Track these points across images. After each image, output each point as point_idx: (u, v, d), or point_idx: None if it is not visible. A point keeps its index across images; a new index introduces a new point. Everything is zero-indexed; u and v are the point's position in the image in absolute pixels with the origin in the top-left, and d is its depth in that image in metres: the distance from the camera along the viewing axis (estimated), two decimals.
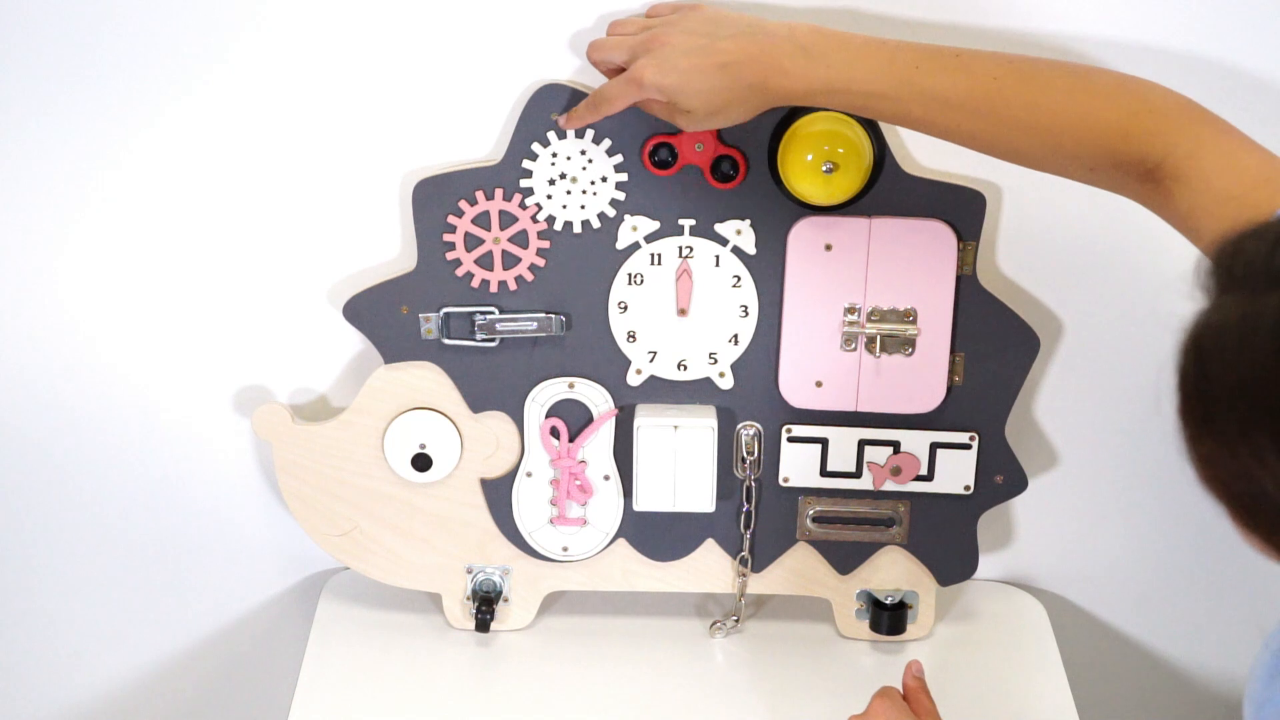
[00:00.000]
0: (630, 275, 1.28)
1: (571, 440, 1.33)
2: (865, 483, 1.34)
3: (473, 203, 1.26)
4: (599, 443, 1.33)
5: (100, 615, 1.48)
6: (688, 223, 1.27)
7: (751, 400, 1.32)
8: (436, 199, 1.26)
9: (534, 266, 1.28)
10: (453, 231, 1.26)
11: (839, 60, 1.09)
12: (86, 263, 1.32)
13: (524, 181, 1.25)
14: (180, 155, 1.27)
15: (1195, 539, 1.44)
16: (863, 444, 1.33)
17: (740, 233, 1.27)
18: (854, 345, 1.29)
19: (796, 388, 1.31)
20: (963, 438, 1.32)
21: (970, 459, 1.33)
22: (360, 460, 1.34)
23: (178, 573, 1.46)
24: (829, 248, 1.27)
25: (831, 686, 1.35)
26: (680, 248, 1.28)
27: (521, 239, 1.27)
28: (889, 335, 1.28)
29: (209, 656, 1.51)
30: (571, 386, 1.32)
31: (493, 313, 1.29)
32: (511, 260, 1.27)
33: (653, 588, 1.39)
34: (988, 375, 1.31)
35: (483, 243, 1.27)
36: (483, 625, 1.38)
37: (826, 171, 1.22)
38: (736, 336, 1.30)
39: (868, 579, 1.38)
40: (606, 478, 1.35)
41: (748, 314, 1.30)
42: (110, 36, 1.22)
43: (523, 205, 1.26)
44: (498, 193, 1.25)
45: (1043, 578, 1.48)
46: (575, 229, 1.27)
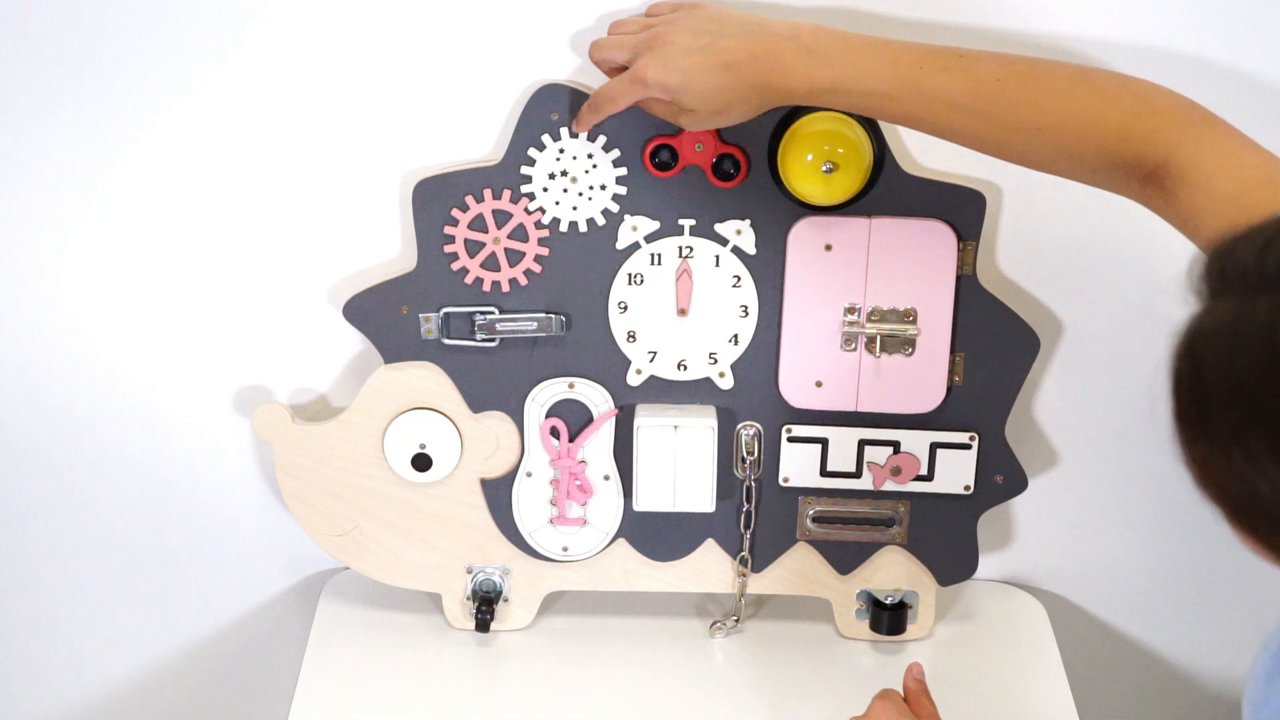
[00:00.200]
0: (630, 275, 1.28)
1: (571, 440, 1.33)
2: (865, 483, 1.34)
3: (474, 202, 1.26)
4: (599, 443, 1.33)
5: (100, 615, 1.48)
6: (688, 223, 1.27)
7: (751, 400, 1.32)
8: (436, 199, 1.26)
9: (534, 267, 1.28)
10: (453, 230, 1.26)
11: (842, 60, 1.09)
12: (86, 263, 1.32)
13: (524, 182, 1.25)
14: (180, 155, 1.27)
15: (1195, 539, 1.44)
16: (863, 444, 1.33)
17: (740, 233, 1.27)
18: (854, 345, 1.29)
19: (796, 388, 1.31)
20: (963, 438, 1.32)
21: (970, 459, 1.33)
22: (360, 460, 1.34)
23: (178, 573, 1.46)
24: (829, 248, 1.27)
25: (831, 686, 1.35)
26: (680, 248, 1.28)
27: (521, 239, 1.27)
28: (889, 335, 1.28)
29: (209, 656, 1.51)
30: (571, 386, 1.32)
31: (493, 313, 1.29)
32: (511, 260, 1.27)
33: (653, 588, 1.39)
34: (988, 375, 1.31)
35: (483, 243, 1.27)
36: (483, 625, 1.38)
37: (826, 171, 1.22)
38: (736, 336, 1.30)
39: (868, 579, 1.38)
40: (606, 478, 1.35)
41: (748, 314, 1.30)
42: (110, 36, 1.22)
43: (522, 205, 1.26)
44: (498, 193, 1.25)
45: (1043, 578, 1.48)
46: (575, 229, 1.27)
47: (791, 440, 1.33)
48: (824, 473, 1.34)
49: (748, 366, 1.31)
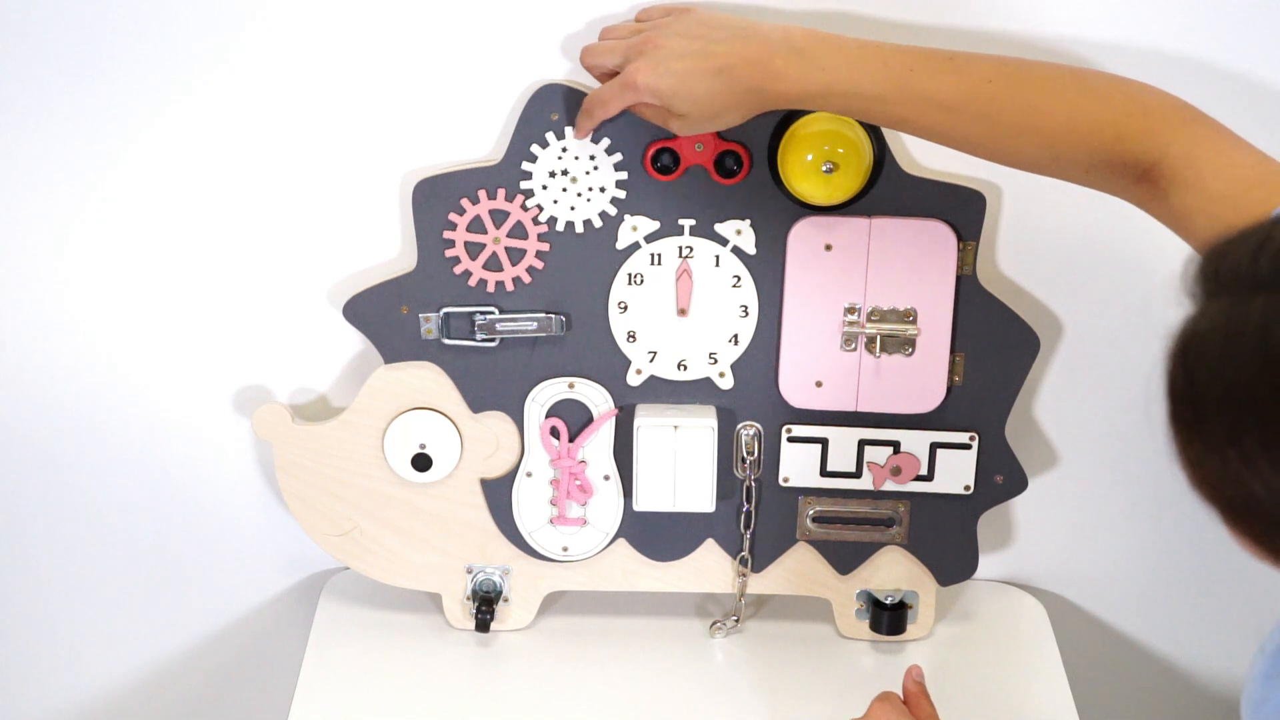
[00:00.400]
0: (630, 275, 1.28)
1: (571, 440, 1.33)
2: (865, 483, 1.34)
3: (473, 202, 1.26)
4: (599, 443, 1.33)
5: (100, 615, 1.48)
6: (688, 223, 1.27)
7: (751, 400, 1.32)
8: (436, 199, 1.26)
9: (534, 267, 1.28)
10: (453, 231, 1.26)
11: (834, 64, 1.08)
12: (86, 263, 1.32)
13: (524, 181, 1.25)
14: (180, 155, 1.27)
15: (1195, 539, 1.44)
16: (863, 444, 1.33)
17: (740, 233, 1.27)
18: (854, 345, 1.29)
19: (796, 388, 1.31)
20: (963, 438, 1.32)
21: (970, 459, 1.33)
22: (360, 460, 1.34)
23: (178, 573, 1.46)
24: (829, 248, 1.27)
25: (831, 686, 1.35)
26: (680, 248, 1.28)
27: (521, 239, 1.27)
28: (889, 335, 1.28)
29: (209, 656, 1.51)
30: (571, 386, 1.32)
31: (493, 313, 1.29)
32: (512, 260, 1.27)
33: (653, 588, 1.39)
34: (988, 375, 1.31)
35: (483, 243, 1.27)
36: (483, 625, 1.38)
37: (826, 171, 1.22)
38: (736, 336, 1.30)
39: (868, 579, 1.38)
40: (606, 478, 1.35)
41: (748, 314, 1.30)
42: (110, 36, 1.22)
43: (523, 205, 1.26)
44: (498, 193, 1.25)
45: (1043, 578, 1.48)
46: (575, 229, 1.27)
47: (791, 440, 1.33)
48: (824, 473, 1.34)
49: (748, 366, 1.31)
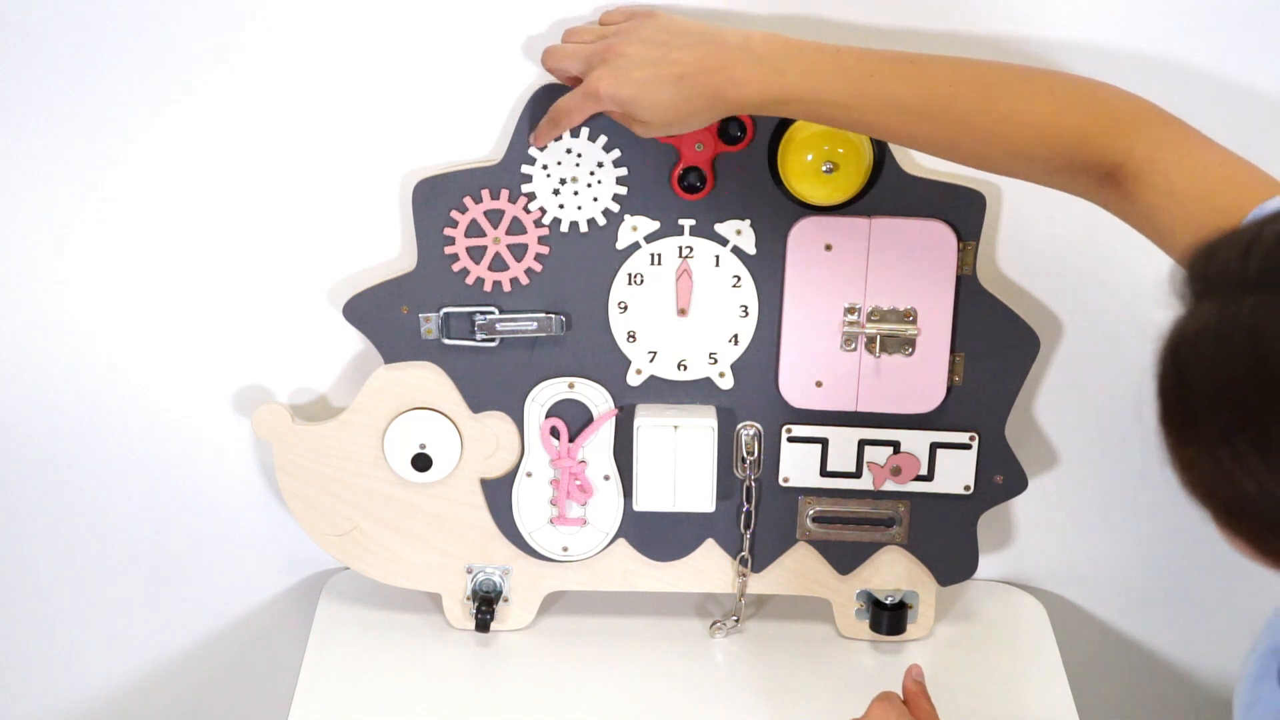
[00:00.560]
0: (630, 275, 1.28)
1: (571, 440, 1.33)
2: (865, 483, 1.34)
3: (473, 203, 1.26)
4: (599, 443, 1.33)
5: (100, 615, 1.48)
6: (688, 223, 1.27)
7: (751, 400, 1.32)
8: (436, 199, 1.26)
9: (534, 267, 1.28)
10: (453, 231, 1.26)
11: (794, 70, 1.08)
12: (87, 263, 1.32)
13: (524, 182, 1.25)
14: (180, 155, 1.27)
15: (1195, 539, 1.44)
16: (863, 444, 1.33)
17: (740, 233, 1.27)
18: (854, 345, 1.29)
19: (796, 388, 1.31)
20: (963, 438, 1.32)
21: (970, 459, 1.33)
22: (360, 460, 1.34)
23: (178, 573, 1.46)
24: (829, 248, 1.27)
25: (831, 686, 1.35)
26: (680, 248, 1.28)
27: (521, 239, 1.27)
28: (889, 335, 1.28)
29: (209, 656, 1.51)
30: (571, 386, 1.32)
31: (493, 313, 1.29)
32: (512, 260, 1.27)
33: (653, 588, 1.39)
34: (988, 375, 1.31)
35: (483, 243, 1.27)
36: (483, 625, 1.38)
37: (826, 171, 1.22)
38: (736, 336, 1.30)
39: (868, 579, 1.38)
40: (606, 478, 1.35)
41: (748, 314, 1.30)
42: (110, 36, 1.22)
43: (523, 206, 1.26)
44: (498, 193, 1.25)
45: (1043, 578, 1.48)
46: (575, 229, 1.27)
47: (791, 440, 1.33)
48: (824, 473, 1.34)
49: (748, 366, 1.31)
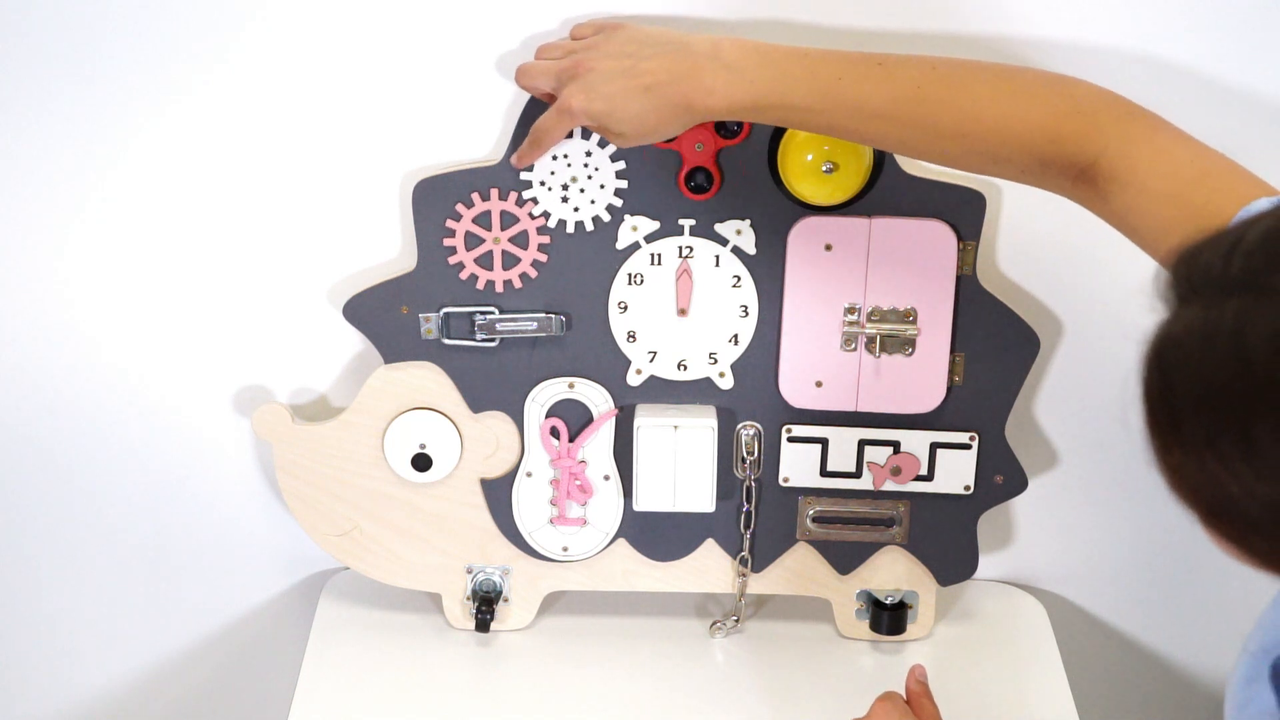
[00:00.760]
0: (630, 275, 1.28)
1: (571, 440, 1.33)
2: (865, 483, 1.34)
3: (473, 203, 1.26)
4: (599, 443, 1.33)
5: (100, 615, 1.48)
6: (688, 223, 1.27)
7: (751, 400, 1.32)
8: (436, 199, 1.26)
9: (534, 266, 1.28)
10: (453, 230, 1.26)
11: (762, 76, 1.08)
12: (87, 263, 1.32)
13: (524, 181, 1.25)
14: (181, 155, 1.27)
15: (1194, 539, 1.43)
16: (863, 444, 1.33)
17: (740, 233, 1.27)
18: (854, 345, 1.29)
19: (796, 388, 1.31)
20: (963, 438, 1.32)
21: (970, 459, 1.33)
22: (360, 460, 1.34)
23: (178, 572, 1.46)
24: (829, 248, 1.27)
25: (831, 686, 1.35)
26: (680, 248, 1.28)
27: (521, 239, 1.27)
28: (889, 335, 1.28)
29: (209, 656, 1.51)
30: (571, 386, 1.32)
31: (493, 313, 1.29)
32: (511, 260, 1.27)
33: (653, 588, 1.39)
34: (988, 375, 1.31)
35: (483, 243, 1.27)
36: (483, 625, 1.38)
37: (826, 171, 1.22)
38: (736, 336, 1.30)
39: (868, 579, 1.38)
40: (606, 478, 1.35)
41: (748, 314, 1.29)
42: (110, 36, 1.22)
43: (524, 206, 1.26)
44: (497, 192, 1.25)
45: (1043, 578, 1.48)
46: (575, 229, 1.27)
47: (791, 440, 1.33)
48: (824, 473, 1.34)
49: (748, 366, 1.31)
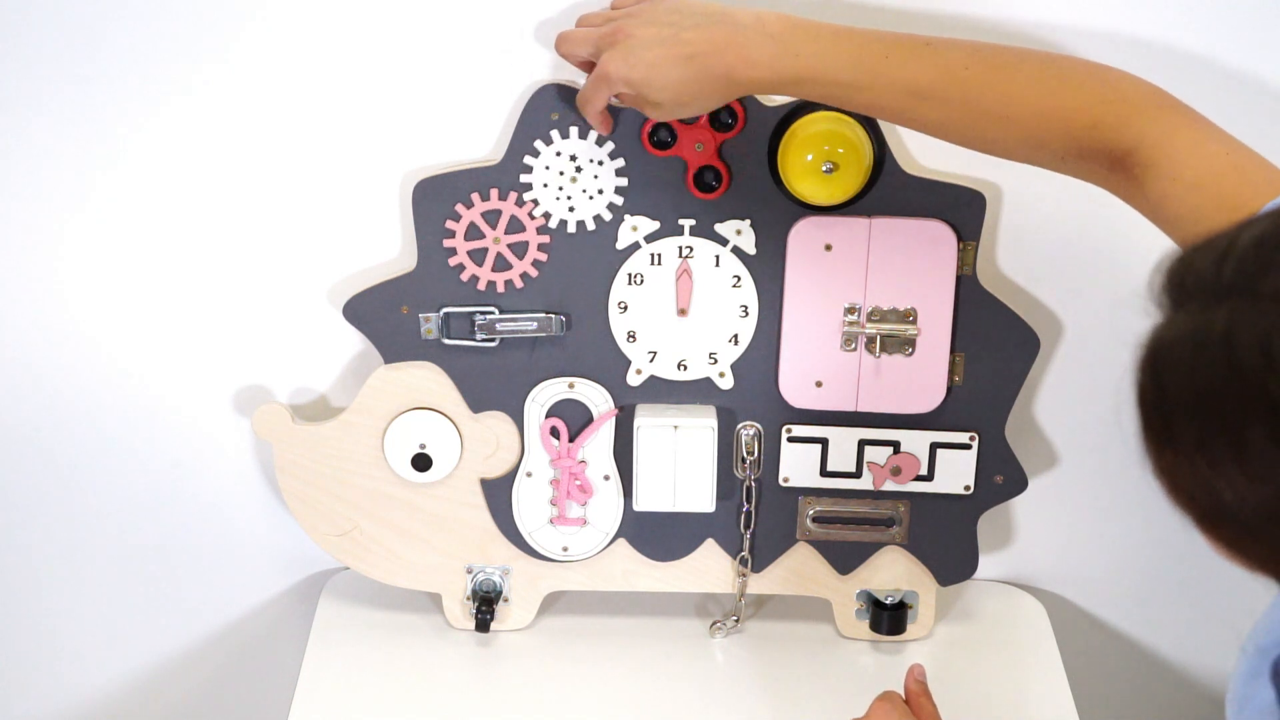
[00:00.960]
0: (630, 275, 1.28)
1: (571, 440, 1.33)
2: (865, 483, 1.34)
3: (473, 203, 1.26)
4: (599, 443, 1.33)
5: (100, 615, 1.48)
6: (688, 223, 1.27)
7: (751, 400, 1.32)
8: (436, 199, 1.26)
9: (534, 266, 1.28)
10: (453, 230, 1.26)
11: (808, 50, 1.07)
12: (87, 262, 1.32)
13: (524, 181, 1.25)
14: (181, 155, 1.27)
15: (1194, 539, 1.43)
16: (863, 444, 1.33)
17: (740, 233, 1.27)
18: (854, 345, 1.29)
19: (796, 388, 1.31)
20: (963, 438, 1.32)
21: (970, 459, 1.33)
22: (360, 460, 1.34)
23: (178, 572, 1.46)
24: (829, 248, 1.27)
25: (831, 686, 1.35)
26: (680, 248, 1.28)
27: (521, 239, 1.27)
28: (889, 335, 1.28)
29: (209, 656, 1.51)
30: (571, 386, 1.32)
31: (493, 313, 1.29)
32: (511, 260, 1.27)
33: (653, 588, 1.39)
34: (988, 375, 1.31)
35: (483, 242, 1.27)
36: (483, 625, 1.38)
37: (826, 171, 1.22)
38: (736, 336, 1.30)
39: (868, 579, 1.38)
40: (606, 478, 1.35)
41: (748, 314, 1.29)
42: (111, 36, 1.22)
43: (522, 205, 1.26)
44: (500, 193, 1.25)
45: (1043, 578, 1.48)
46: (575, 229, 1.27)
47: (791, 440, 1.33)
48: (824, 473, 1.34)
49: (748, 366, 1.31)
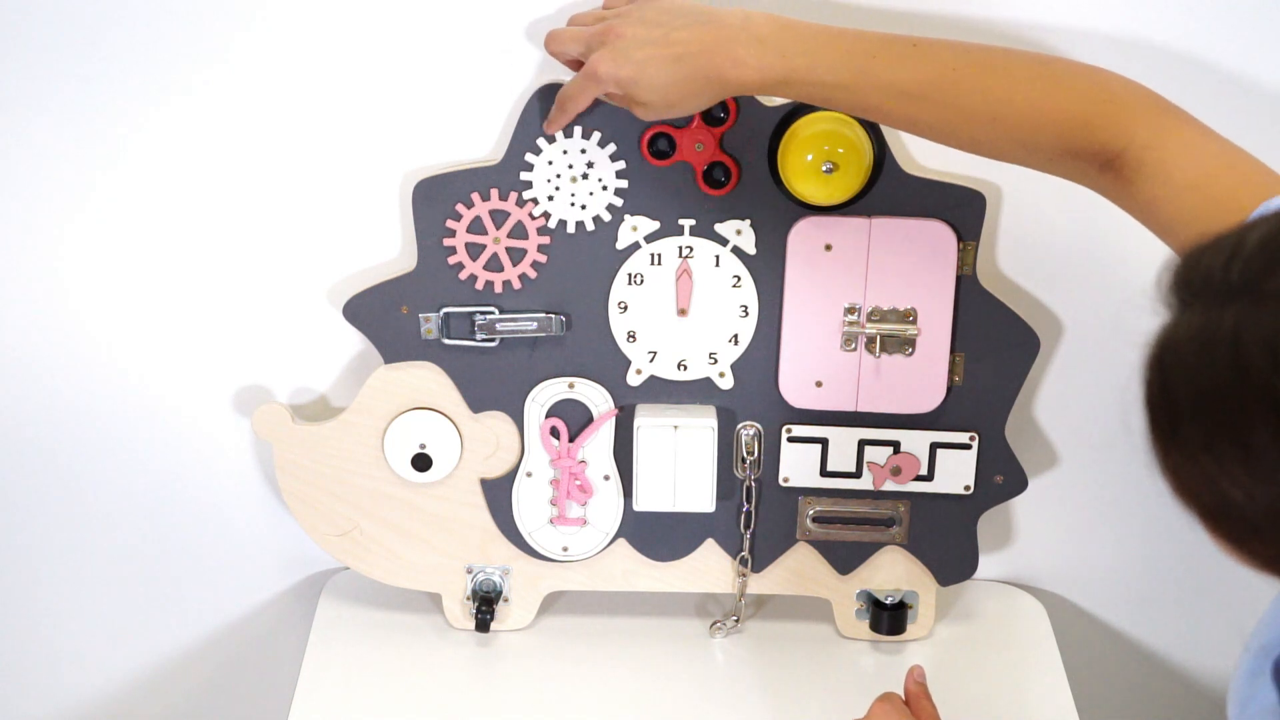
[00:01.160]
0: (630, 275, 1.28)
1: (571, 440, 1.33)
2: (865, 483, 1.34)
3: (473, 203, 1.26)
4: (599, 443, 1.33)
5: (100, 615, 1.48)
6: (688, 223, 1.27)
7: (751, 400, 1.32)
8: (436, 199, 1.26)
9: (534, 266, 1.28)
10: (453, 230, 1.26)
11: (795, 50, 1.07)
12: (87, 262, 1.32)
13: (524, 181, 1.25)
14: (181, 155, 1.27)
15: (1195, 539, 1.43)
16: (863, 444, 1.33)
17: (740, 233, 1.27)
18: (854, 345, 1.29)
19: (796, 388, 1.31)
20: (963, 438, 1.32)
21: (970, 459, 1.33)
22: (360, 460, 1.34)
23: (178, 572, 1.46)
24: (829, 248, 1.27)
25: (831, 687, 1.35)
26: (680, 248, 1.28)
27: (521, 239, 1.27)
28: (889, 335, 1.28)
29: (209, 656, 1.51)
30: (571, 386, 1.32)
31: (493, 313, 1.29)
32: (511, 260, 1.27)
33: (653, 588, 1.39)
34: (988, 375, 1.31)
35: (483, 243, 1.27)
36: (483, 625, 1.38)
37: (826, 171, 1.22)
38: (736, 336, 1.30)
39: (868, 579, 1.38)
40: (606, 478, 1.35)
41: (748, 314, 1.29)
42: (111, 36, 1.22)
43: (523, 205, 1.26)
44: (500, 193, 1.25)
45: (1043, 578, 1.48)
46: (575, 229, 1.27)
47: (791, 440, 1.33)
48: (824, 473, 1.34)
49: (748, 366, 1.31)
